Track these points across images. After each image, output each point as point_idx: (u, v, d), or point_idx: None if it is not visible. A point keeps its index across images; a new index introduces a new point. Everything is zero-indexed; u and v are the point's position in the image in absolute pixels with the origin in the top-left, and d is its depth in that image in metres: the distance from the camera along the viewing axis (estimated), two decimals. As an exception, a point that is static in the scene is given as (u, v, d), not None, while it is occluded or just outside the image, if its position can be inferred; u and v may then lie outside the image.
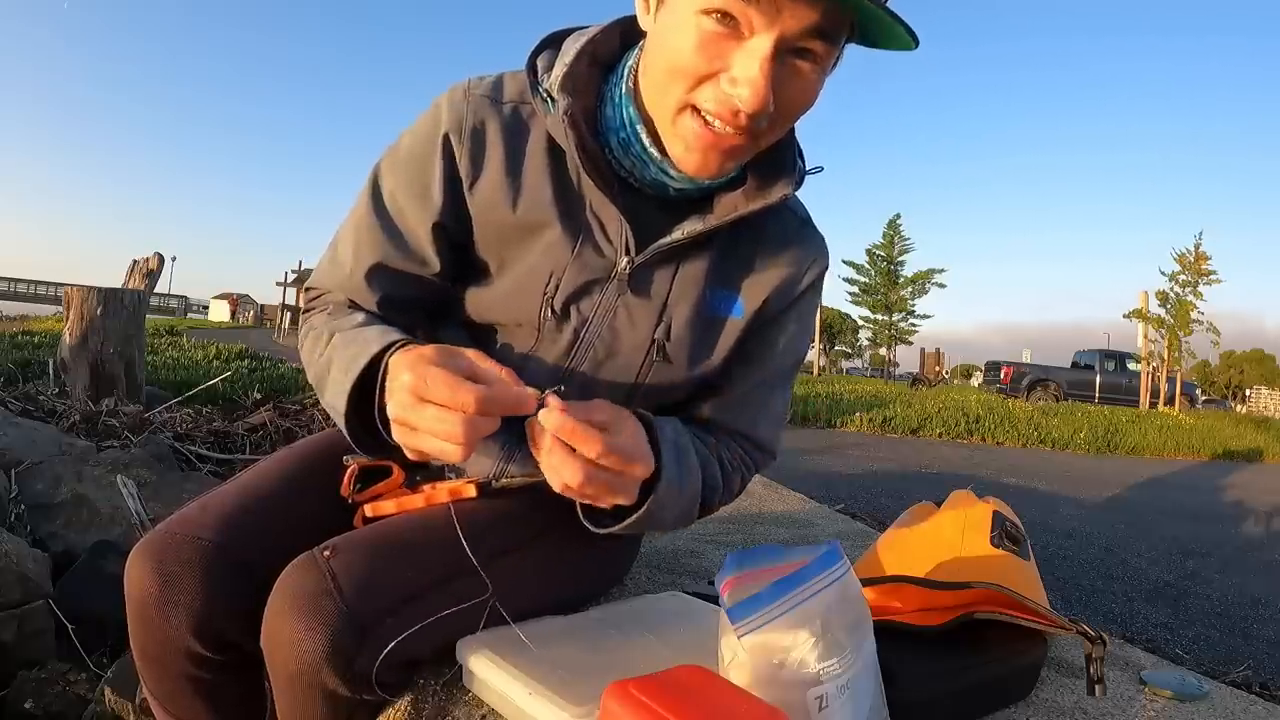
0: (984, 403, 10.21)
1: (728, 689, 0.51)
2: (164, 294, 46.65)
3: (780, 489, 1.98)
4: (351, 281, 0.76)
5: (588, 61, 0.70)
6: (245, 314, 38.28)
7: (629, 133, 0.69)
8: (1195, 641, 2.33)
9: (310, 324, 0.78)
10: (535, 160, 0.72)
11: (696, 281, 0.75)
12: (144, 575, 0.70)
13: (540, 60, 0.71)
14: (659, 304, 0.75)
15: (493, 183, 0.72)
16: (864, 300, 34.89)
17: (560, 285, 0.73)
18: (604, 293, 0.74)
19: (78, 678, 1.53)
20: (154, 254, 8.55)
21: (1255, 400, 38.54)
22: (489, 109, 0.72)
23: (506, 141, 0.72)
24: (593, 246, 0.73)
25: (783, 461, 4.21)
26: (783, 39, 0.58)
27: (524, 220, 0.73)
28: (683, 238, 0.71)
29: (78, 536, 2.02)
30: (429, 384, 0.55)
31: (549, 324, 0.75)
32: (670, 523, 0.73)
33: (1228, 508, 5.25)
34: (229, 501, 0.76)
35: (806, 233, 0.81)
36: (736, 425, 0.82)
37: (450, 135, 0.72)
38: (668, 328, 0.75)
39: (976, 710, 0.75)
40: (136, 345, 3.57)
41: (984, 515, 0.88)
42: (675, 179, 0.70)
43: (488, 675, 0.65)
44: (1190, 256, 15.15)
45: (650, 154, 0.68)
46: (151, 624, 0.70)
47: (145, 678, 0.76)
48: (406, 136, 0.76)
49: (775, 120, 0.64)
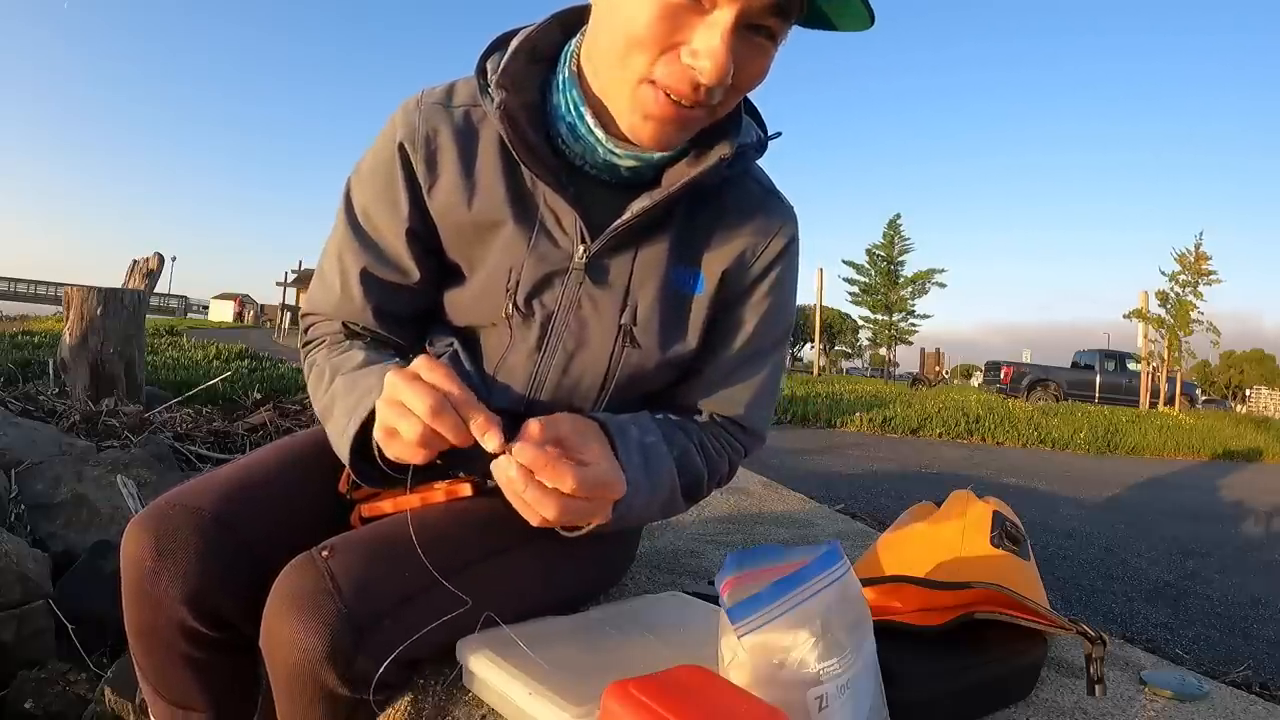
0: (984, 403, 10.21)
1: (728, 689, 0.51)
2: (164, 294, 46.74)
3: (780, 489, 1.98)
4: (343, 298, 0.78)
5: (525, 57, 0.71)
6: (248, 314, 38.30)
7: (574, 115, 0.70)
8: (1195, 641, 2.33)
9: (312, 360, 0.80)
10: (487, 160, 0.74)
11: (657, 262, 0.75)
12: (140, 546, 0.70)
13: (490, 62, 0.72)
14: (621, 289, 0.75)
15: (449, 185, 0.74)
16: (864, 300, 34.88)
17: (520, 281, 0.74)
18: (565, 284, 0.75)
19: (78, 678, 1.53)
20: (154, 254, 8.55)
21: (1255, 400, 38.54)
22: (440, 115, 0.74)
23: (459, 145, 0.74)
24: (548, 238, 0.73)
25: (783, 461, 4.20)
26: (744, 14, 0.59)
27: (480, 219, 0.74)
28: (632, 217, 0.71)
29: (78, 536, 2.02)
30: (400, 389, 0.59)
31: (516, 320, 0.76)
32: (649, 519, 0.74)
33: (1228, 508, 5.25)
34: (228, 479, 0.77)
35: (770, 201, 0.80)
36: (720, 409, 0.82)
37: (405, 144, 0.74)
38: (633, 312, 0.75)
39: (976, 710, 0.75)
40: (136, 345, 3.57)
41: (984, 515, 0.88)
42: (622, 157, 0.70)
43: (488, 675, 0.65)
44: (1190, 256, 15.16)
45: (596, 135, 0.69)
46: (146, 595, 0.70)
47: (138, 657, 0.75)
48: (368, 155, 0.78)
49: (730, 93, 0.64)
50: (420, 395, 0.58)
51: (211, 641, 0.73)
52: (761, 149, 0.76)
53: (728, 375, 0.81)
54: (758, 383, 0.82)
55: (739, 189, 0.78)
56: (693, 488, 0.78)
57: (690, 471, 0.76)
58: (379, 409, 0.61)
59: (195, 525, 0.71)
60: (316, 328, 0.83)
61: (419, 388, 0.58)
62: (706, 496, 0.84)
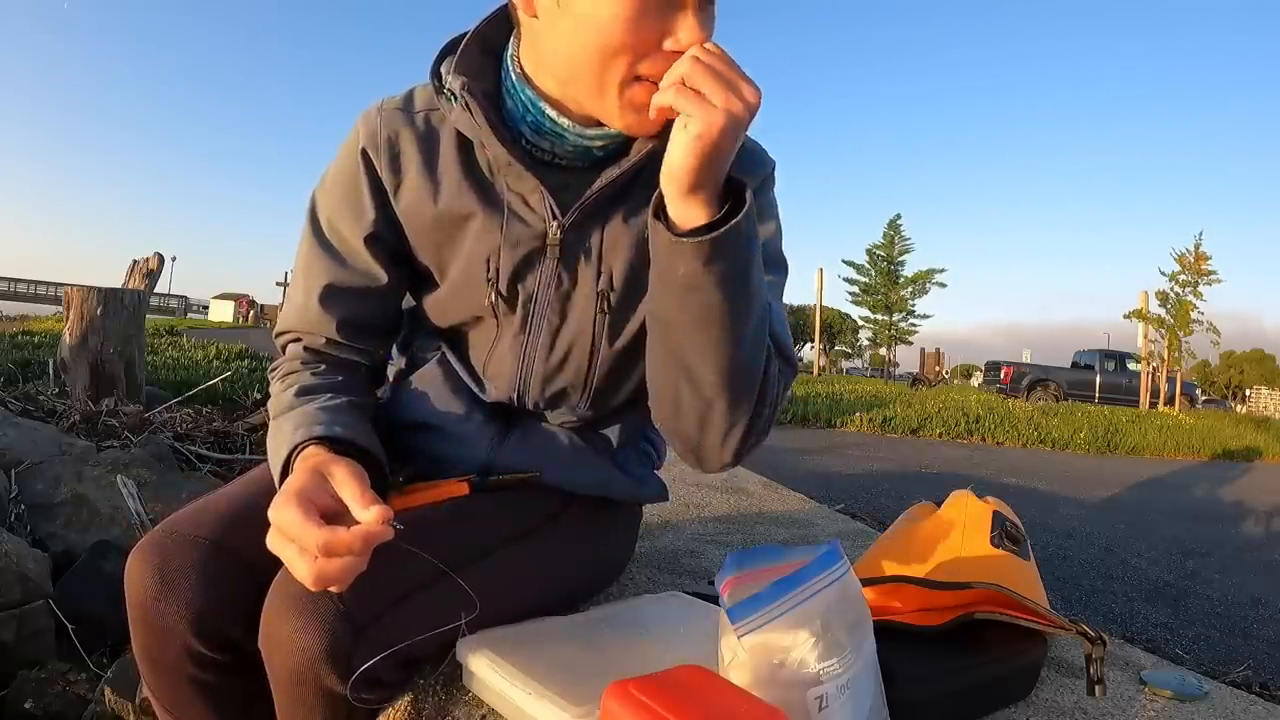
0: (984, 403, 10.21)
1: (728, 689, 0.51)
2: (164, 294, 46.68)
3: (780, 489, 1.98)
4: (308, 313, 0.78)
5: (478, 49, 0.73)
6: (249, 313, 38.24)
7: (535, 114, 0.70)
8: (1195, 641, 2.33)
9: (271, 389, 0.80)
10: (448, 156, 0.75)
11: (628, 224, 0.75)
12: (143, 575, 0.70)
13: (444, 66, 0.73)
14: (596, 257, 0.75)
15: (413, 185, 0.75)
16: (864, 300, 34.92)
17: (500, 267, 0.75)
18: (543, 262, 0.75)
19: (78, 678, 1.53)
20: (154, 254, 8.56)
21: (1255, 400, 38.57)
22: (400, 120, 0.76)
23: (420, 146, 0.75)
24: (519, 221, 0.74)
25: (783, 461, 4.19)
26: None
27: (448, 214, 0.75)
28: (603, 186, 0.71)
29: (78, 536, 2.02)
30: (283, 523, 0.57)
31: (501, 308, 0.76)
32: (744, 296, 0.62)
33: (1228, 508, 5.24)
34: (229, 501, 0.77)
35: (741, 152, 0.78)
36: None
37: (368, 149, 0.76)
38: (609, 278, 0.75)
39: (976, 710, 0.75)
40: (136, 345, 3.58)
41: (984, 515, 0.88)
42: (593, 138, 0.71)
43: (488, 675, 0.65)
44: (1190, 257, 15.15)
45: (562, 124, 0.70)
46: (152, 624, 0.70)
47: (147, 678, 0.76)
48: (332, 166, 0.80)
49: None
50: (299, 567, 0.56)
51: (220, 665, 0.73)
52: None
53: None
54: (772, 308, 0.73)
55: None
56: (760, 360, 0.67)
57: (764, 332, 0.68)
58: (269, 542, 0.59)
59: (197, 553, 0.71)
60: (288, 349, 0.83)
61: (294, 555, 0.56)
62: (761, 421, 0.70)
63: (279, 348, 0.84)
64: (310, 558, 0.55)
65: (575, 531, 0.85)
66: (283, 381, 0.78)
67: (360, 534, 0.56)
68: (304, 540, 0.55)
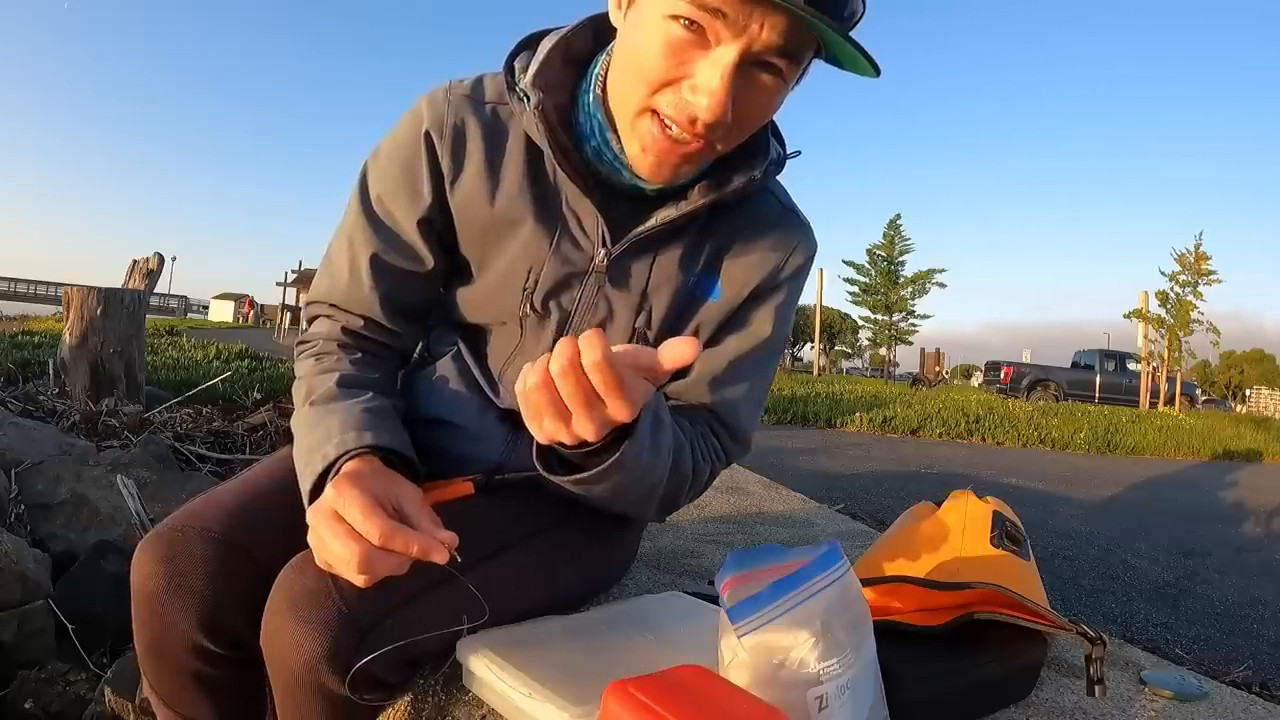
0: (984, 403, 10.21)
1: (728, 689, 0.51)
2: (164, 294, 46.69)
3: (780, 489, 1.98)
4: (351, 284, 0.77)
5: (560, 58, 0.71)
6: (251, 314, 38.24)
7: (599, 140, 0.70)
8: (1195, 641, 2.33)
9: (299, 366, 0.78)
10: (513, 158, 0.74)
11: (674, 267, 0.76)
12: (151, 569, 0.70)
13: (518, 61, 0.72)
14: (638, 293, 0.76)
15: (472, 179, 0.74)
16: (864, 300, 34.87)
17: (539, 280, 0.74)
18: (584, 286, 0.75)
19: (78, 678, 1.52)
20: (154, 254, 8.53)
21: (1255, 400, 38.51)
22: (469, 108, 0.74)
23: (485, 140, 0.74)
24: (570, 240, 0.74)
25: (783, 461, 4.18)
26: (748, 52, 0.59)
27: (501, 216, 0.74)
28: (657, 225, 0.72)
29: (78, 536, 2.02)
30: (346, 504, 0.56)
31: (530, 320, 0.76)
32: (630, 496, 0.68)
33: (1228, 508, 5.24)
34: (236, 496, 0.76)
35: (788, 219, 0.81)
36: (713, 405, 0.81)
37: (431, 133, 0.74)
38: (648, 316, 0.76)
39: (976, 710, 0.75)
40: (136, 345, 3.57)
41: (984, 515, 0.88)
42: (647, 183, 0.70)
43: (488, 675, 0.65)
44: (1190, 257, 15.16)
45: (622, 160, 0.69)
46: (158, 618, 0.70)
47: (148, 673, 0.76)
48: (388, 140, 0.77)
49: (732, 130, 0.64)
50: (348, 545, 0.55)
51: (223, 659, 0.73)
52: (780, 165, 0.77)
53: (723, 375, 0.81)
54: (750, 386, 0.83)
55: (759, 203, 0.79)
56: (675, 488, 0.76)
57: (680, 468, 0.75)
58: (310, 526, 0.58)
59: (205, 548, 0.70)
60: (317, 325, 0.81)
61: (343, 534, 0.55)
62: (684, 505, 0.82)
63: (305, 319, 0.83)
64: (363, 543, 0.54)
65: (580, 534, 0.85)
66: (318, 362, 0.76)
67: (422, 541, 0.55)
68: (366, 525, 0.54)
